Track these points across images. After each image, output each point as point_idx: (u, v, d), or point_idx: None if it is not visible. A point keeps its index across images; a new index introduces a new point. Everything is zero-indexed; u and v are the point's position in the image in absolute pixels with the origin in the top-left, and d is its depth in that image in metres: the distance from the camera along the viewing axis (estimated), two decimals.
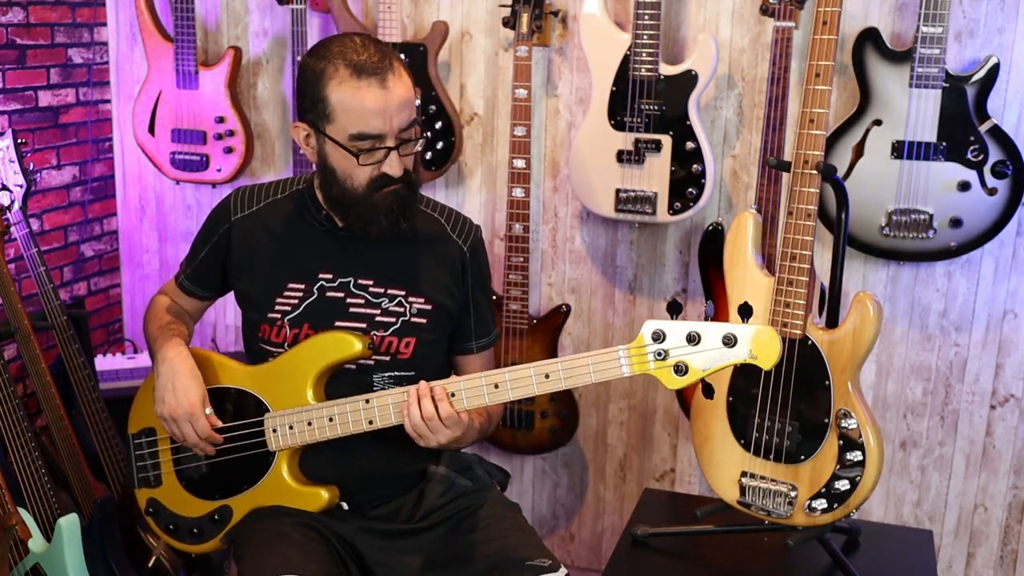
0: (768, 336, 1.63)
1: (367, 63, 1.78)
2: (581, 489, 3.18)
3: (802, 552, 2.31)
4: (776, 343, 1.64)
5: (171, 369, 1.89)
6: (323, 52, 1.82)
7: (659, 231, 2.94)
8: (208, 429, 1.87)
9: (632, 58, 2.67)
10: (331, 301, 1.93)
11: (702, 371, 1.66)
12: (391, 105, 1.78)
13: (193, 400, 1.86)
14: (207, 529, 1.98)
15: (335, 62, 1.79)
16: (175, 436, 1.91)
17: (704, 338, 1.65)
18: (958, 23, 2.63)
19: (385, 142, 1.81)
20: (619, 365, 1.69)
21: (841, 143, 2.59)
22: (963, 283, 2.76)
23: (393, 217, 1.85)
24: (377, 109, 1.78)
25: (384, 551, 1.91)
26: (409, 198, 1.87)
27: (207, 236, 2.03)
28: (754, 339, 1.64)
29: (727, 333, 1.64)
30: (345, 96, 1.78)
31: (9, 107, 2.98)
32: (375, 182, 1.83)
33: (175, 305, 2.10)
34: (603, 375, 1.70)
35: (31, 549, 2.21)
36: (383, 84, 1.77)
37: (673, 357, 1.66)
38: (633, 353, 1.68)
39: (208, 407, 1.88)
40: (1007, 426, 2.80)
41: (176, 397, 1.87)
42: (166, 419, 1.88)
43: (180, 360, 1.90)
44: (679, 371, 1.66)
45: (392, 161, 1.82)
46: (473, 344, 2.03)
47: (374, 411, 1.83)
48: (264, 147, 3.24)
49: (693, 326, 1.66)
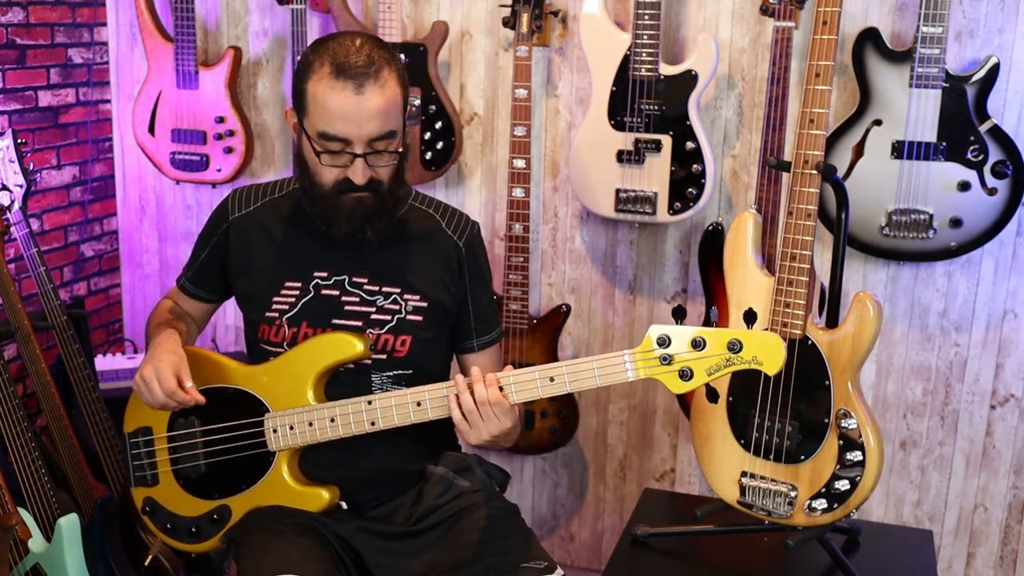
0: (773, 342, 1.66)
1: (350, 66, 1.76)
2: (581, 489, 3.18)
3: (802, 552, 2.31)
4: (781, 349, 1.66)
5: (154, 344, 1.90)
6: (320, 46, 1.82)
7: (659, 231, 2.94)
8: (172, 385, 1.80)
9: (632, 58, 2.67)
10: (327, 299, 1.93)
11: (707, 376, 1.68)
12: (361, 112, 1.76)
13: (162, 364, 1.82)
14: (206, 528, 1.98)
15: (323, 58, 1.79)
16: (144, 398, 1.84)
17: (709, 343, 1.67)
18: (958, 23, 2.62)
19: (352, 148, 1.79)
20: (624, 369, 1.71)
21: (841, 143, 2.59)
22: (963, 283, 2.76)
23: (356, 223, 1.84)
24: (344, 113, 1.76)
25: (383, 552, 1.91)
26: (377, 208, 1.84)
27: (207, 237, 2.03)
28: (759, 345, 1.66)
29: (732, 339, 1.66)
30: (319, 93, 1.78)
31: (9, 107, 2.98)
32: (339, 184, 1.82)
33: (178, 307, 2.10)
34: (608, 379, 1.71)
35: (31, 549, 2.21)
36: (358, 90, 1.76)
37: (678, 362, 1.68)
38: (639, 358, 1.70)
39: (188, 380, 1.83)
40: (1007, 426, 2.80)
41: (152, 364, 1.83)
42: (137, 383, 1.84)
43: (164, 338, 1.90)
44: (684, 376, 1.68)
45: (356, 168, 1.80)
46: (475, 342, 2.03)
47: (376, 412, 1.83)
48: (264, 147, 3.24)
49: (698, 331, 1.67)
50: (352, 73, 1.76)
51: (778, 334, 2.15)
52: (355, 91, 1.76)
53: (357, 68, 1.76)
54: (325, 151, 1.80)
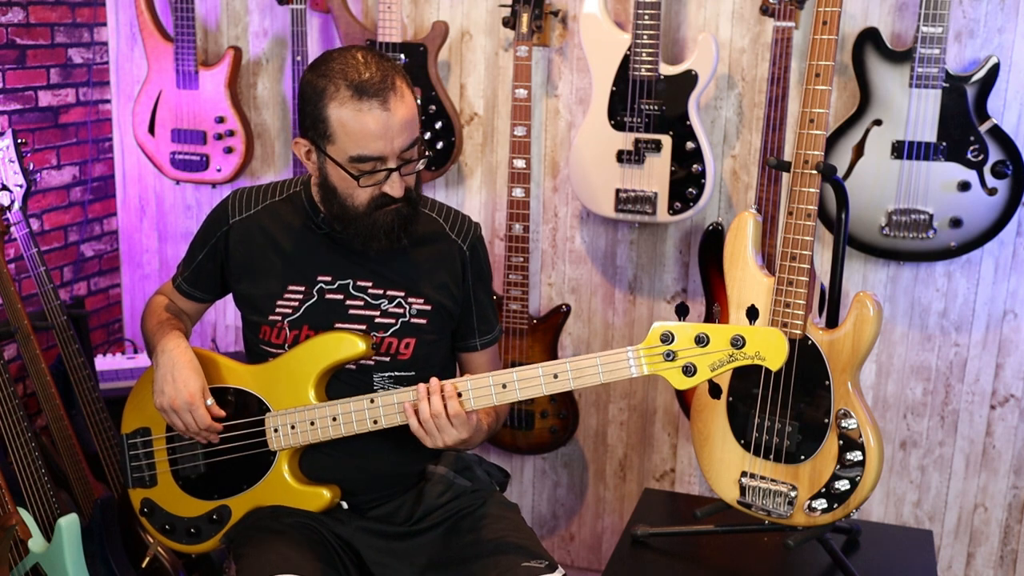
0: (776, 337, 1.67)
1: (368, 83, 1.74)
2: (581, 489, 3.18)
3: (802, 552, 2.31)
4: (783, 344, 1.67)
5: (170, 360, 1.88)
6: (324, 69, 1.78)
7: (659, 231, 2.94)
8: (207, 419, 1.86)
9: (632, 58, 2.67)
10: (330, 303, 1.93)
11: (710, 371, 1.69)
12: (393, 127, 1.76)
13: (192, 390, 1.85)
14: (205, 529, 1.97)
15: (336, 81, 1.76)
16: (175, 427, 1.90)
17: (713, 339, 1.68)
18: (958, 23, 2.63)
19: (387, 163, 1.79)
20: (628, 366, 1.72)
21: (841, 143, 2.59)
22: (963, 283, 2.76)
23: (394, 235, 1.84)
24: (379, 132, 1.75)
25: (383, 551, 1.91)
26: (411, 216, 1.86)
27: (205, 239, 2.02)
28: (762, 340, 1.67)
29: (735, 335, 1.67)
30: (346, 118, 1.75)
31: (9, 107, 2.98)
32: (375, 201, 1.82)
33: (173, 305, 2.09)
34: (612, 375, 1.72)
35: (31, 549, 2.21)
36: (385, 106, 1.75)
37: (682, 358, 1.70)
38: (643, 354, 1.71)
39: (209, 399, 1.88)
40: (1007, 426, 2.80)
41: (176, 388, 1.86)
42: (165, 410, 1.87)
43: (180, 351, 1.90)
44: (688, 372, 1.70)
45: (393, 182, 1.80)
46: (477, 341, 2.03)
47: (379, 411, 1.83)
48: (264, 147, 3.24)
49: (702, 328, 1.69)
50: (374, 91, 1.74)
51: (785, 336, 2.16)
52: (382, 108, 1.74)
53: (376, 84, 1.75)
54: (362, 174, 1.79)
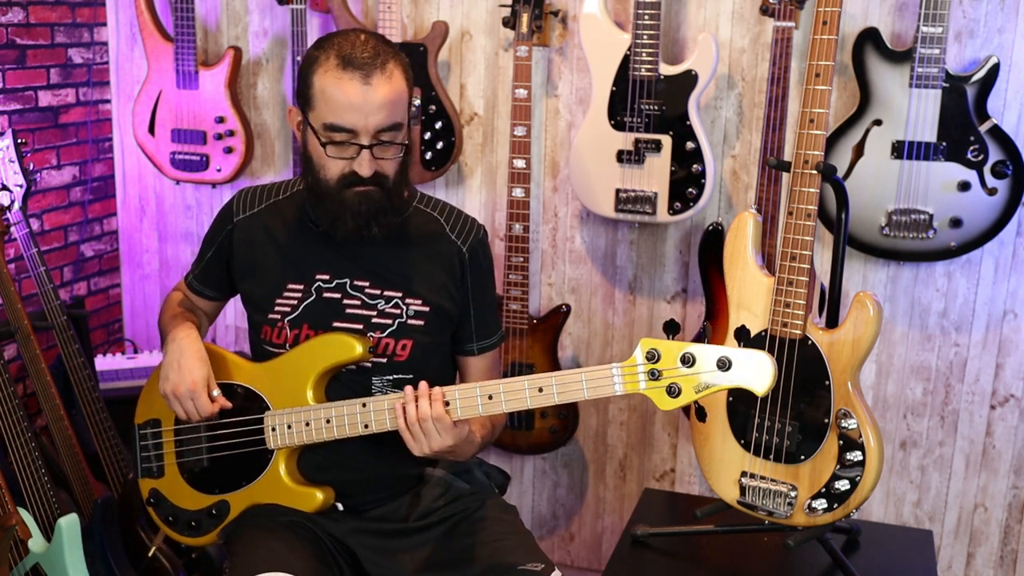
0: (763, 362, 1.61)
1: (356, 57, 1.78)
2: (581, 489, 3.18)
3: (802, 552, 2.31)
4: (771, 369, 1.61)
5: (178, 348, 1.90)
6: (324, 42, 1.83)
7: (659, 231, 2.94)
8: (208, 408, 1.87)
9: (632, 58, 2.67)
10: (328, 302, 1.93)
11: (695, 393, 1.64)
12: (371, 102, 1.77)
13: (196, 378, 1.86)
14: (204, 523, 1.98)
15: (328, 52, 1.80)
16: (177, 414, 1.91)
17: (699, 360, 1.63)
18: (958, 23, 2.63)
19: (359, 139, 1.79)
20: (613, 383, 1.68)
21: (841, 143, 2.59)
22: (963, 283, 2.76)
23: (361, 219, 1.83)
24: (354, 104, 1.77)
25: (377, 551, 1.91)
26: (383, 204, 1.84)
27: (212, 238, 2.04)
28: (748, 364, 1.62)
29: (721, 356, 1.62)
30: (326, 84, 1.78)
31: (9, 107, 2.98)
32: (345, 178, 1.82)
33: (188, 301, 2.11)
34: (596, 392, 1.70)
35: (31, 549, 2.21)
36: (366, 80, 1.77)
37: (667, 378, 1.65)
38: (627, 372, 1.68)
39: (216, 389, 1.88)
40: (1007, 426, 2.80)
41: (180, 375, 1.87)
42: (168, 396, 1.88)
43: (188, 341, 1.91)
44: (672, 392, 1.65)
45: (362, 160, 1.80)
46: (474, 345, 2.02)
47: (370, 415, 1.83)
48: (264, 147, 3.24)
49: (688, 347, 1.64)
50: (359, 64, 1.77)
51: (778, 334, 2.16)
52: (362, 81, 1.77)
53: (364, 59, 1.78)
54: (331, 142, 1.80)
